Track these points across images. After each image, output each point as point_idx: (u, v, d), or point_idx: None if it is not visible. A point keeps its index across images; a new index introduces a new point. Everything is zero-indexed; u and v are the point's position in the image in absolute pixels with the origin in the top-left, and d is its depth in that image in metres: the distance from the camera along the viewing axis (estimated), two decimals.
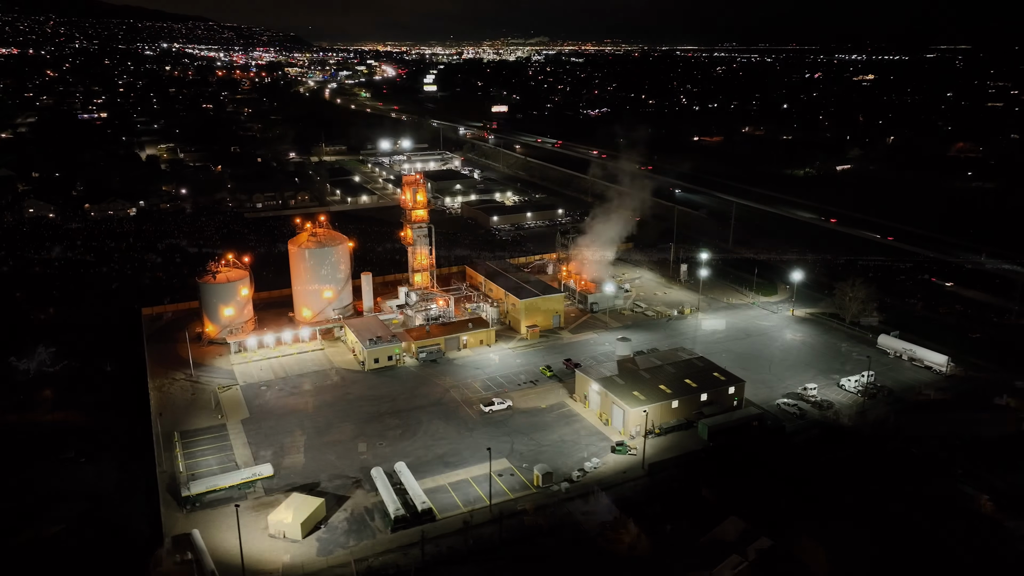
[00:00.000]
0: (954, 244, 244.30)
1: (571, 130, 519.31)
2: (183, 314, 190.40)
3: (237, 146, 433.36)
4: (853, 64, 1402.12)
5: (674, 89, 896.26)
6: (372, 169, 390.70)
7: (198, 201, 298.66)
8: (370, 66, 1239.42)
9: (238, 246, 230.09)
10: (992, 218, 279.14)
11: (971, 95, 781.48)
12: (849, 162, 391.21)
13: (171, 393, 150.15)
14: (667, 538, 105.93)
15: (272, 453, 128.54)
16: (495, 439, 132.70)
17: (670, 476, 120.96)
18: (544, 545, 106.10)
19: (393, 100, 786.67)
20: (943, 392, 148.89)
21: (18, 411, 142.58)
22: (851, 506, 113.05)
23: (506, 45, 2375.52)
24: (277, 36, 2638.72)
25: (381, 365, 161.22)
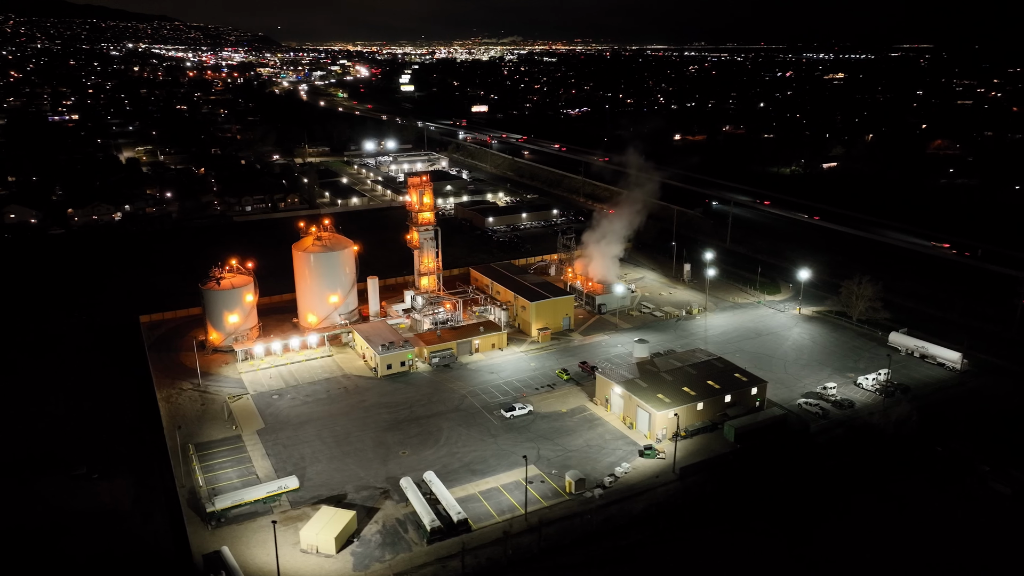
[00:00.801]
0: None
1: (549, 130, 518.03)
2: (183, 321, 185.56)
3: (218, 148, 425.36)
4: (822, 63, 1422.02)
5: (650, 88, 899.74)
6: (358, 171, 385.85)
7: (185, 205, 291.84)
8: (343, 66, 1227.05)
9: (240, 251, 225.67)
10: (986, 215, 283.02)
11: (940, 93, 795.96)
12: (833, 160, 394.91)
13: (180, 404, 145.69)
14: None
15: (293, 464, 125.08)
16: (520, 445, 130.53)
17: (703, 480, 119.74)
18: (585, 553, 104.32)
19: (370, 100, 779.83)
20: (960, 388, 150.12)
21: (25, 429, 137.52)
22: (889, 508, 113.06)
23: (477, 45, 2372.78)
24: (245, 36, 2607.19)
25: (394, 371, 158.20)
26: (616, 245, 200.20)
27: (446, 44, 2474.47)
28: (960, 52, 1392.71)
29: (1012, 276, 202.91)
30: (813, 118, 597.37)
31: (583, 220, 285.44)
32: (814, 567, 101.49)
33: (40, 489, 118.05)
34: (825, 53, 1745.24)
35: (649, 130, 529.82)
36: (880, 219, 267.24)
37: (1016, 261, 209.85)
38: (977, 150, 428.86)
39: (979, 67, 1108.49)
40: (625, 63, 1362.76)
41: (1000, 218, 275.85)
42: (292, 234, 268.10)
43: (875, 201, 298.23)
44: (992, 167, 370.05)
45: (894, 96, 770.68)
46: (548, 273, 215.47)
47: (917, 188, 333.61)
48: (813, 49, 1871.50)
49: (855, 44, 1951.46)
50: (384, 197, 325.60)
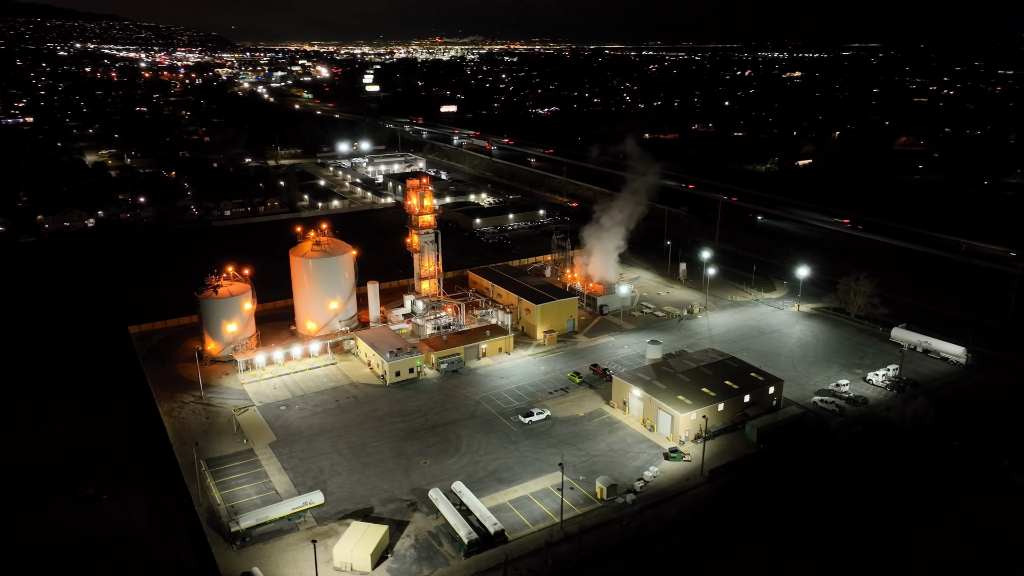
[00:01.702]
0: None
1: (521, 130, 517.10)
2: (174, 331, 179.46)
3: (186, 151, 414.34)
4: (777, 62, 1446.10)
5: (615, 88, 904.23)
6: (334, 172, 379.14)
7: (160, 210, 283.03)
8: (304, 66, 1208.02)
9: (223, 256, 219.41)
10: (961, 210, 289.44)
11: (896, 91, 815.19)
12: (805, 158, 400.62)
13: (183, 418, 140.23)
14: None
15: (313, 478, 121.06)
16: (543, 451, 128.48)
17: (733, 482, 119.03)
18: (626, 561, 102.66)
19: (335, 101, 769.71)
20: (966, 382, 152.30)
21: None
22: (918, 505, 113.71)
23: (436, 45, 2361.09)
24: (198, 36, 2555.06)
25: (402, 378, 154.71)
26: (615, 245, 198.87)
27: (404, 44, 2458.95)
28: (907, 51, 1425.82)
29: (997, 270, 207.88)
30: (779, 116, 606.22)
31: (569, 220, 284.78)
32: (857, 570, 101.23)
33: (48, 513, 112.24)
34: (779, 52, 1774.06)
35: (621, 130, 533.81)
36: (864, 216, 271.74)
37: (999, 255, 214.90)
38: (942, 146, 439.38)
39: (928, 65, 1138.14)
40: (585, 62, 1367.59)
41: (974, 213, 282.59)
42: (274, 238, 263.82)
43: (855, 198, 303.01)
44: (958, 163, 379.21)
45: (853, 94, 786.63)
46: (544, 274, 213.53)
47: (892, 184, 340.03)
48: (767, 48, 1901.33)
49: (807, 43, 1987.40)
50: (365, 199, 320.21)
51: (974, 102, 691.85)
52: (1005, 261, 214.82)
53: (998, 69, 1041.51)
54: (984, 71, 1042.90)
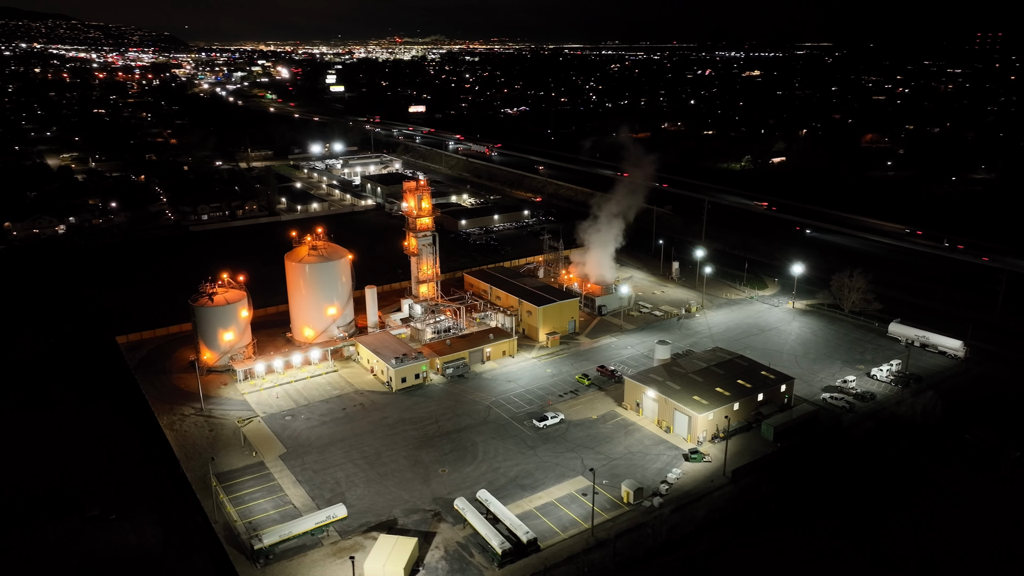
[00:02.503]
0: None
1: (492, 130, 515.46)
2: (164, 341, 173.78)
3: (153, 154, 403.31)
4: (735, 61, 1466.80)
5: (580, 87, 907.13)
6: (309, 174, 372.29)
7: (135, 215, 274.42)
8: (264, 67, 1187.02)
9: (204, 262, 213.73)
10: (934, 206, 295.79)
11: (854, 90, 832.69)
12: (777, 155, 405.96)
13: (185, 431, 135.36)
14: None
15: (330, 490, 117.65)
16: (562, 456, 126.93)
17: (756, 481, 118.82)
18: (660, 566, 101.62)
19: (299, 101, 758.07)
20: (966, 375, 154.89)
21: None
22: (938, 499, 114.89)
23: (396, 44, 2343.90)
24: (150, 35, 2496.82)
25: (408, 384, 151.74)
26: (613, 245, 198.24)
27: (362, 44, 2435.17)
28: (857, 50, 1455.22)
29: (979, 264, 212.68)
30: (745, 114, 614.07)
31: (554, 220, 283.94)
32: (890, 567, 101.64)
33: (56, 535, 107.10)
34: (736, 51, 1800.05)
35: (592, 128, 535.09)
36: (846, 213, 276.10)
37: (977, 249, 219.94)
38: (907, 143, 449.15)
39: (880, 64, 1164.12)
40: (547, 62, 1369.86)
41: (946, 208, 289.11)
42: (256, 243, 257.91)
43: (832, 194, 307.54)
44: (924, 159, 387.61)
45: (813, 92, 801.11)
46: (537, 276, 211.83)
47: (866, 181, 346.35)
48: (723, 47, 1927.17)
49: (761, 43, 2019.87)
50: (344, 202, 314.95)
51: (929, 100, 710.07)
52: (902, 237, 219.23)
53: (947, 68, 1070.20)
54: (935, 70, 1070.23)
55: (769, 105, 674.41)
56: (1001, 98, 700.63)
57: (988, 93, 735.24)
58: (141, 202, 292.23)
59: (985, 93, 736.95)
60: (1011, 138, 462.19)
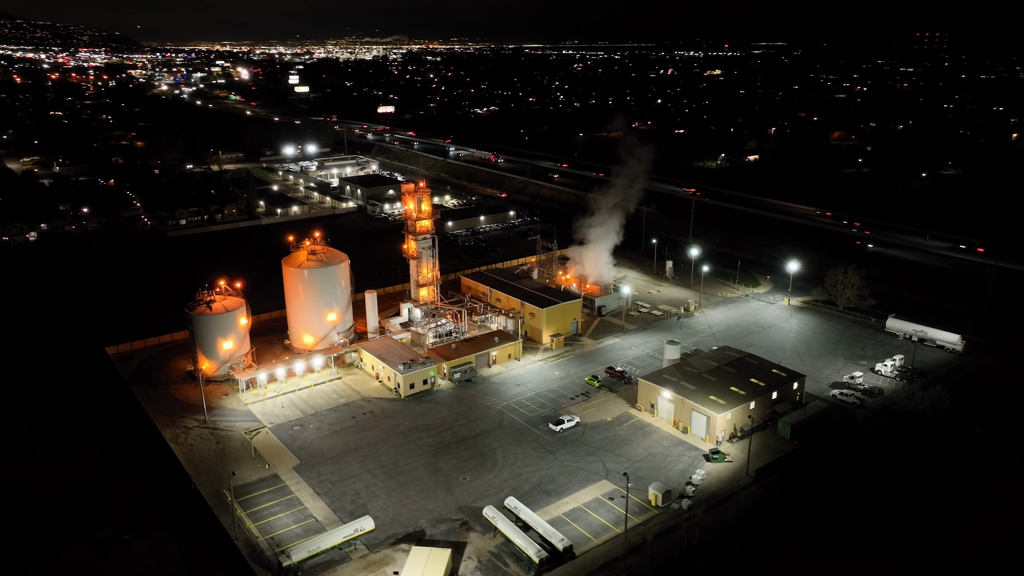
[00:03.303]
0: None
1: (464, 130, 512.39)
2: (156, 351, 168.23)
3: (118, 157, 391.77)
4: (695, 60, 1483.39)
5: (546, 87, 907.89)
6: (285, 177, 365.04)
7: (108, 220, 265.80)
8: (224, 67, 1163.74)
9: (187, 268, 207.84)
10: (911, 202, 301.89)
11: (814, 88, 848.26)
12: (751, 153, 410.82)
13: (191, 445, 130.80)
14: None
15: (351, 502, 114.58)
16: (583, 460, 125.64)
17: (780, 480, 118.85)
18: (697, 568, 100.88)
19: (263, 103, 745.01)
20: (967, 369, 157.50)
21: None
22: (959, 494, 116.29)
23: (354, 44, 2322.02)
24: (100, 35, 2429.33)
25: (416, 390, 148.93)
26: (610, 244, 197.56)
27: (320, 44, 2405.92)
28: (811, 50, 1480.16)
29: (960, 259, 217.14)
30: (712, 113, 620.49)
31: (539, 220, 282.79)
32: (923, 562, 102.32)
33: (68, 559, 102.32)
34: (694, 51, 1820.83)
35: (564, 128, 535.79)
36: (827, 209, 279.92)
37: None
38: (873, 140, 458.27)
39: (836, 63, 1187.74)
40: (508, 61, 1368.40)
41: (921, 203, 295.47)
42: (237, 247, 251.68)
43: (810, 192, 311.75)
44: (892, 156, 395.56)
45: (775, 91, 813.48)
46: (531, 276, 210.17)
47: (840, 178, 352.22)
48: (680, 47, 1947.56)
49: (718, 42, 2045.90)
50: (324, 204, 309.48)
51: (888, 98, 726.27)
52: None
53: (900, 67, 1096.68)
54: (888, 69, 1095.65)
55: (735, 104, 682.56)
56: (956, 96, 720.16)
57: (942, 91, 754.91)
58: (113, 207, 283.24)
59: (939, 91, 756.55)
60: (973, 135, 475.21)
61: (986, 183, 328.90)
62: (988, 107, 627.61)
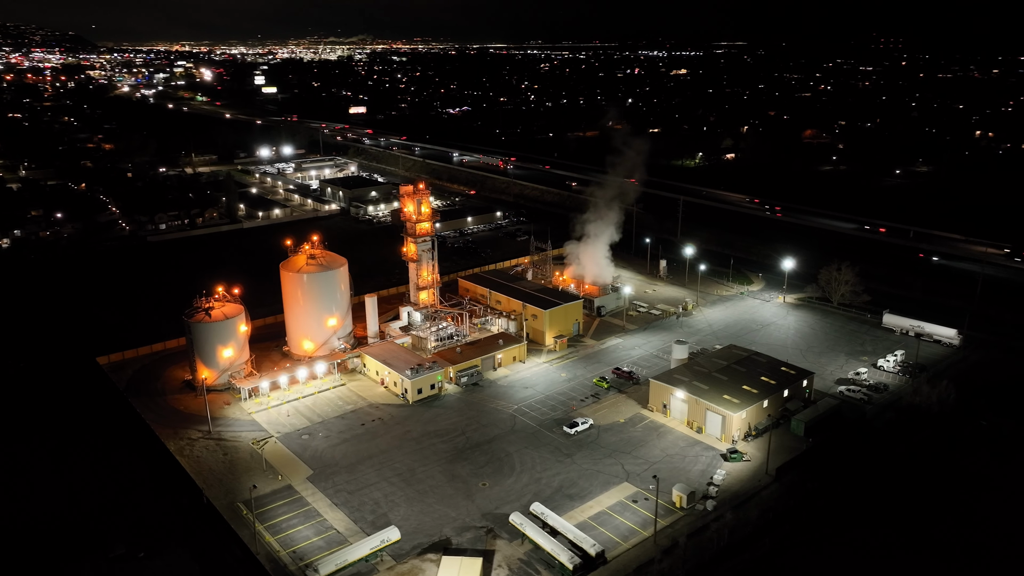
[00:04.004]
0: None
1: (438, 131, 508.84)
2: (149, 360, 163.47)
3: (87, 160, 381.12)
4: (659, 60, 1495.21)
5: (515, 87, 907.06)
6: (262, 179, 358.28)
7: (85, 226, 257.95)
8: (186, 68, 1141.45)
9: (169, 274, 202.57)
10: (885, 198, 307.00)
11: (780, 87, 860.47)
12: (726, 151, 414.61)
13: (198, 456, 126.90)
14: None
15: (371, 512, 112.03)
16: (601, 462, 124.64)
17: (799, 478, 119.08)
18: (730, 569, 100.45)
19: (231, 103, 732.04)
20: (965, 363, 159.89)
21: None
22: (976, 487, 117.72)
23: (316, 43, 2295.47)
24: (53, 35, 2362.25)
25: (424, 395, 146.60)
26: (608, 244, 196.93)
27: (282, 43, 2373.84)
28: (771, 49, 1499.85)
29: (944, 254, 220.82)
30: (684, 112, 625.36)
31: (526, 221, 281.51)
32: (949, 558, 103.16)
33: None
34: (658, 51, 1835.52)
35: (538, 127, 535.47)
36: (807, 206, 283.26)
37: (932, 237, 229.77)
38: (844, 139, 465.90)
39: (798, 62, 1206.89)
40: (474, 61, 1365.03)
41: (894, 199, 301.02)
42: (221, 252, 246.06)
43: (787, 189, 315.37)
44: (864, 154, 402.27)
45: (742, 90, 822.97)
46: (525, 277, 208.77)
47: (818, 176, 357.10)
48: (644, 47, 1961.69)
49: (680, 42, 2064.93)
50: (306, 207, 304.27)
51: (852, 96, 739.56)
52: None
53: (859, 66, 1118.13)
54: (847, 68, 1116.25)
55: (705, 103, 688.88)
56: (916, 94, 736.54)
57: (902, 90, 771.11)
58: (87, 212, 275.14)
59: (900, 90, 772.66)
60: (939, 132, 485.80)
61: (960, 180, 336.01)
62: (949, 105, 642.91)
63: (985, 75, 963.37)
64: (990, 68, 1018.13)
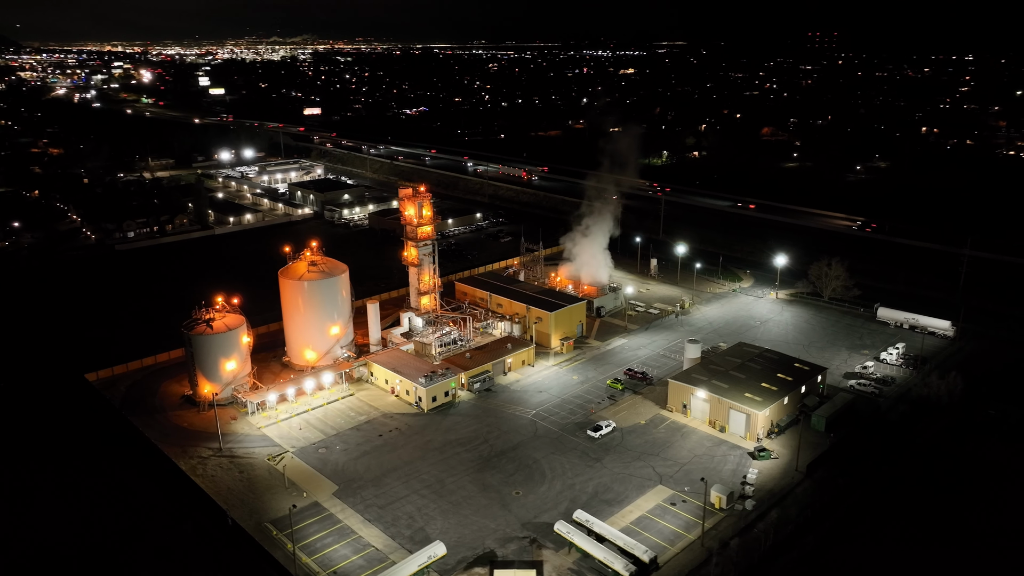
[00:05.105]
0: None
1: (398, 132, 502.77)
2: (140, 375, 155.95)
3: (35, 165, 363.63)
4: (605, 60, 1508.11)
5: (468, 87, 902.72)
6: (226, 183, 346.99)
7: (47, 234, 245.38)
8: (126, 70, 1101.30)
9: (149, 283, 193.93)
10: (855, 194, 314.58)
11: (727, 86, 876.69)
12: (690, 150, 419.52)
13: (212, 476, 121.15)
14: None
15: (407, 526, 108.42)
16: (631, 465, 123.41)
17: (830, 474, 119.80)
18: (782, 569, 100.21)
19: (177, 105, 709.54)
20: (961, 353, 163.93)
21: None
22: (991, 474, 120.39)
23: (256, 44, 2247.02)
24: None
25: (439, 403, 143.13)
26: (606, 244, 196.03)
27: (219, 44, 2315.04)
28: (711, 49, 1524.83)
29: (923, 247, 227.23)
30: (639, 110, 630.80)
31: (505, 222, 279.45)
32: (990, 545, 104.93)
33: None
34: (602, 51, 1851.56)
35: (500, 127, 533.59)
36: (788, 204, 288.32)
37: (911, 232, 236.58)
38: (800, 135, 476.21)
39: (739, 61, 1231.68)
40: (420, 61, 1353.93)
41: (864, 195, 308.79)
42: (194, 260, 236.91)
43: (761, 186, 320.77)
44: (820, 151, 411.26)
45: (691, 89, 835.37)
46: (518, 279, 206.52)
47: (783, 172, 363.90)
48: (587, 47, 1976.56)
49: (623, 42, 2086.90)
50: (277, 211, 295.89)
51: (799, 94, 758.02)
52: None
53: (799, 64, 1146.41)
54: (788, 67, 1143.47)
55: (658, 101, 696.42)
56: (858, 92, 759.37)
57: (844, 88, 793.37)
58: (46, 221, 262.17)
59: (841, 88, 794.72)
60: (888, 129, 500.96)
61: (919, 175, 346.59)
62: (892, 103, 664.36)
63: (918, 73, 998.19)
64: (922, 67, 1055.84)
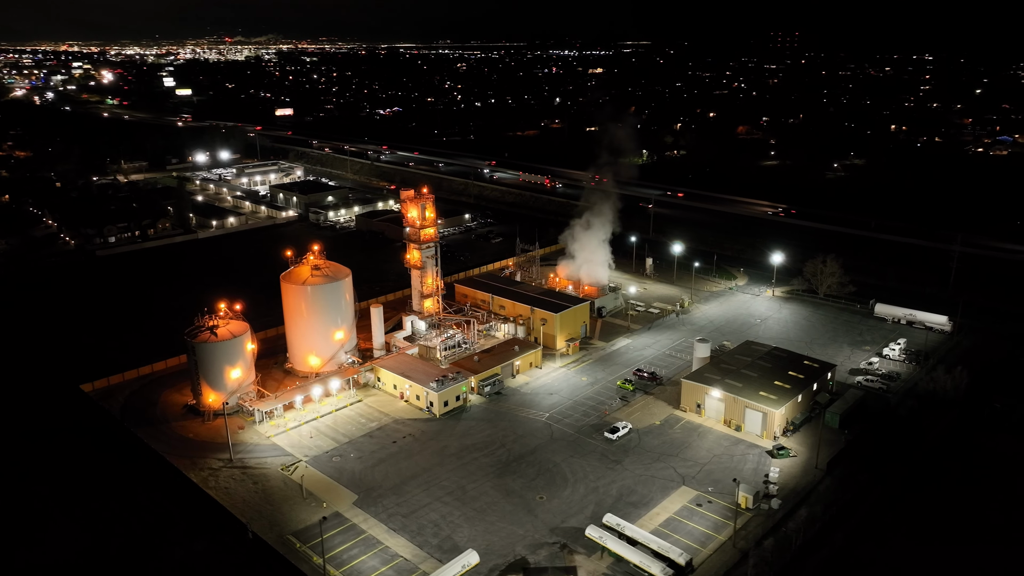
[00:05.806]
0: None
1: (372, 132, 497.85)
2: (137, 385, 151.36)
3: (1, 169, 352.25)
4: (572, 59, 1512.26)
5: (440, 86, 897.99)
6: (204, 186, 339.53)
7: (22, 240, 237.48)
8: (86, 70, 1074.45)
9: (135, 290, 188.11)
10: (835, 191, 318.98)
11: (696, 84, 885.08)
12: (669, 148, 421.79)
13: (226, 488, 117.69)
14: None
15: (433, 535, 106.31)
16: (652, 467, 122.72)
17: (850, 471, 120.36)
18: (815, 568, 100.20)
19: (142, 106, 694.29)
20: (960, 348, 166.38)
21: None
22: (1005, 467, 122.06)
23: (218, 44, 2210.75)
24: None
25: (451, 407, 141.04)
26: (606, 244, 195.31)
27: (179, 44, 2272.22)
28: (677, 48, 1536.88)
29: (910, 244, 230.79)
30: (612, 109, 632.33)
31: (493, 222, 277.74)
32: (1013, 542, 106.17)
33: None
34: (568, 51, 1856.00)
35: (477, 127, 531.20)
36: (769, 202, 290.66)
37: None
38: (774, 134, 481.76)
39: (705, 61, 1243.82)
40: (387, 61, 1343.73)
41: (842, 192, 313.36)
42: (178, 264, 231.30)
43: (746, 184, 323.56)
44: (796, 148, 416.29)
45: (661, 88, 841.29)
46: (515, 280, 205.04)
47: (763, 171, 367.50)
48: (552, 46, 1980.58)
49: (588, 42, 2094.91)
50: (260, 214, 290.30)
51: (768, 93, 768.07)
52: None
53: (763, 64, 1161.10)
54: (753, 66, 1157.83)
55: (631, 100, 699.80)
56: (824, 90, 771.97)
57: (810, 87, 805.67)
58: (19, 226, 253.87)
59: (807, 87, 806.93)
60: (859, 127, 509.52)
61: (895, 172, 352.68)
62: (859, 101, 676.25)
63: (879, 72, 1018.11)
64: (883, 66, 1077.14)
